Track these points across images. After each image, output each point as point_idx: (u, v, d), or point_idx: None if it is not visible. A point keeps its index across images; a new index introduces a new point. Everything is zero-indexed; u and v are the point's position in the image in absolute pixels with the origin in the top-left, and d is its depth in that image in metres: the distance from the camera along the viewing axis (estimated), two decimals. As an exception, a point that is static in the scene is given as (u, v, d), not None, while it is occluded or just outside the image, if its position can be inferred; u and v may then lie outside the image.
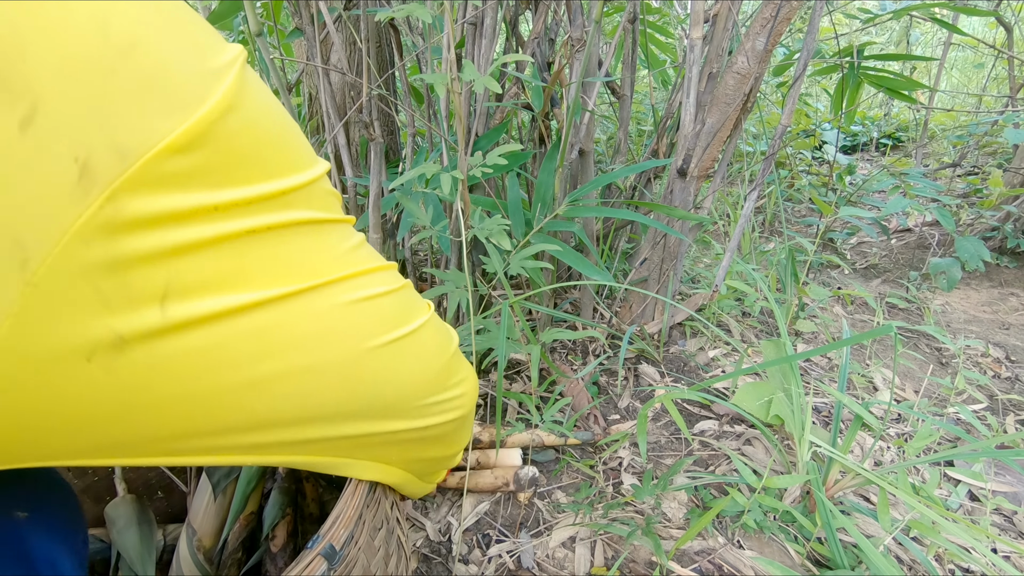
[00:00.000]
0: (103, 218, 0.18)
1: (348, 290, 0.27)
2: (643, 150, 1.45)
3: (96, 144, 0.17)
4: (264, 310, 0.23)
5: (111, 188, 0.17)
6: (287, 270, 0.24)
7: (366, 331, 0.28)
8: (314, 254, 0.25)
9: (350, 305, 0.27)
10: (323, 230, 0.26)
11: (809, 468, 0.65)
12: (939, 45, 2.69)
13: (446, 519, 0.71)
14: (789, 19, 0.76)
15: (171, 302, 0.20)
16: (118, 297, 0.19)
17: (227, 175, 0.21)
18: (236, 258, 0.22)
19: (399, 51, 0.90)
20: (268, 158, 0.22)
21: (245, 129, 0.21)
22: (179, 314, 0.20)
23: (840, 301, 1.30)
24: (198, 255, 0.20)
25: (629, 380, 0.97)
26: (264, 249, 0.23)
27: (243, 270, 0.22)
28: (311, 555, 0.29)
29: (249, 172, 0.22)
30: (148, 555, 0.49)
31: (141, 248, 0.19)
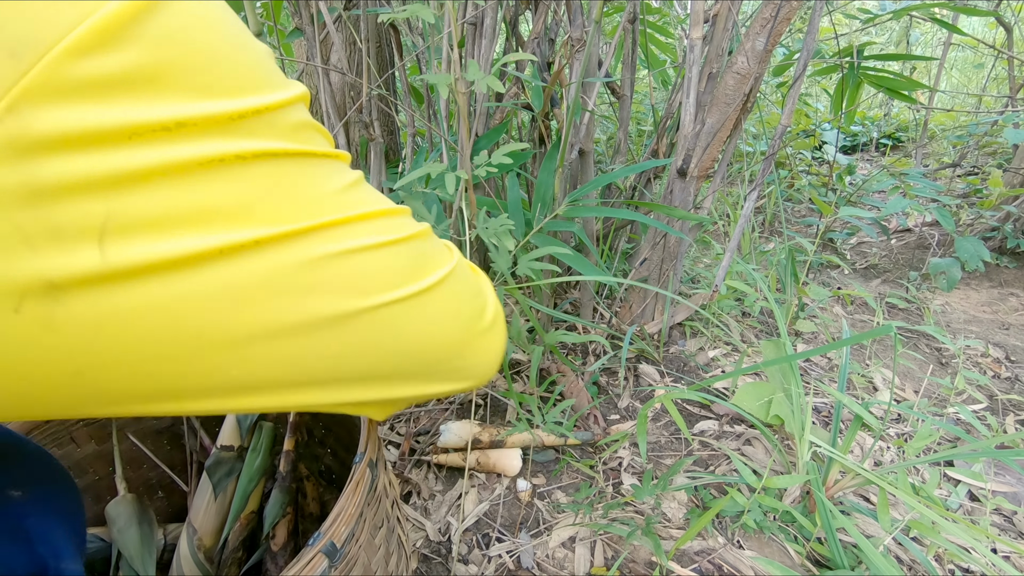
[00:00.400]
0: (6, 133, 0.15)
1: (338, 238, 0.22)
2: (643, 150, 1.45)
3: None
4: (230, 259, 0.19)
5: (9, 96, 0.14)
6: (259, 210, 0.20)
7: (362, 287, 0.23)
8: (293, 193, 0.21)
9: (340, 257, 0.22)
10: (304, 164, 0.21)
11: (809, 468, 0.65)
12: (939, 45, 2.69)
13: (446, 519, 0.71)
14: (789, 19, 0.76)
15: (111, 242, 0.17)
16: (42, 234, 0.16)
17: (164, 87, 0.17)
18: (190, 193, 0.18)
19: (399, 51, 0.90)
20: (221, 71, 0.19)
21: (185, 32, 0.17)
22: (122, 258, 0.17)
23: (840, 301, 1.30)
24: (140, 187, 0.17)
25: (629, 380, 0.97)
26: (226, 184, 0.19)
27: (201, 209, 0.18)
28: (312, 552, 0.29)
29: (195, 85, 0.18)
30: (148, 554, 0.49)
31: (65, 174, 0.16)
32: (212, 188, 0.18)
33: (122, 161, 0.16)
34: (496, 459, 0.76)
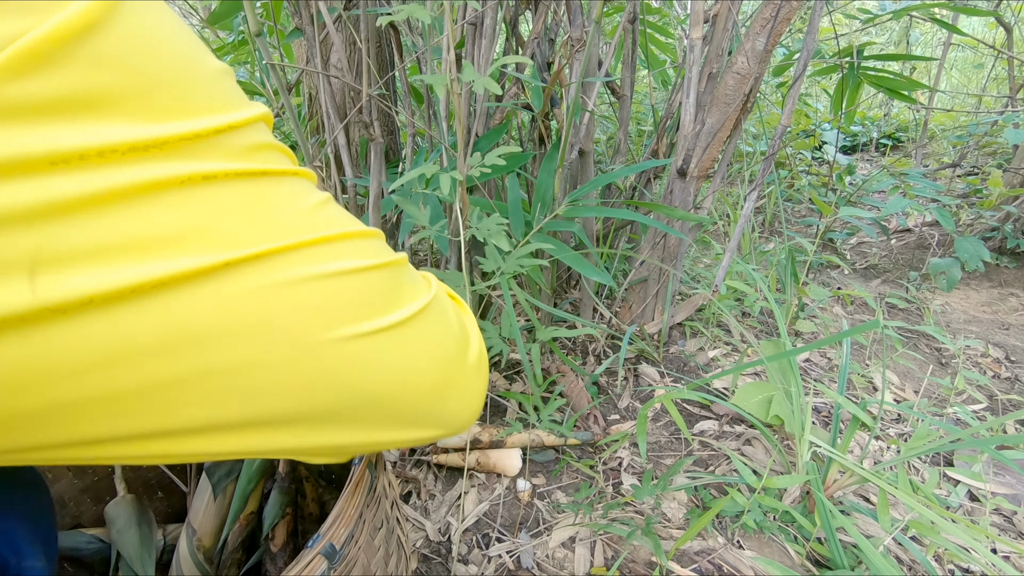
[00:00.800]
0: None
1: (299, 261, 0.20)
2: (643, 150, 1.45)
3: None
4: (175, 290, 0.17)
5: None
6: (208, 236, 0.18)
7: (327, 317, 0.21)
8: (249, 215, 0.19)
9: (301, 282, 0.20)
10: (262, 184, 0.20)
11: (809, 468, 0.65)
12: (939, 45, 2.69)
13: (446, 519, 0.71)
14: (789, 19, 0.76)
15: (42, 275, 0.15)
16: None
17: (103, 111, 0.16)
18: (129, 220, 0.16)
19: (399, 51, 0.90)
20: (167, 94, 0.17)
21: (129, 54, 0.16)
22: (55, 292, 0.15)
23: (840, 301, 1.30)
24: (74, 216, 0.16)
25: (629, 380, 0.97)
26: (171, 208, 0.17)
27: (142, 237, 0.17)
28: (311, 554, 0.29)
29: (137, 109, 0.16)
30: (148, 555, 0.49)
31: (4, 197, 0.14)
32: (156, 214, 0.17)
33: (52, 189, 0.15)
34: (496, 459, 0.76)
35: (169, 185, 0.17)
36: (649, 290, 1.01)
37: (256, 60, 1.08)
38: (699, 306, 1.11)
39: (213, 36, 1.44)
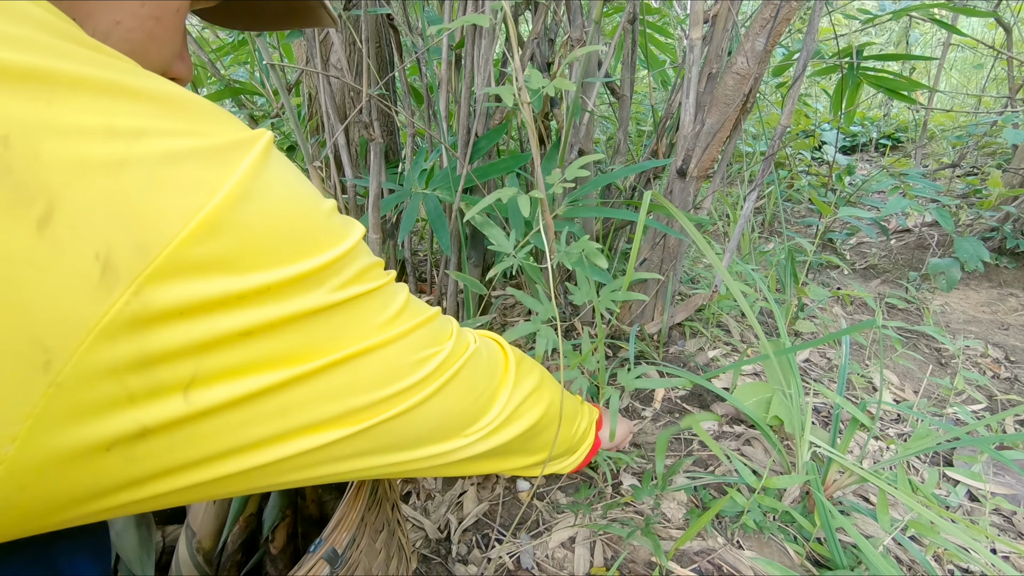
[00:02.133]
0: (129, 314, 0.17)
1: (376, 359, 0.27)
2: (643, 150, 1.45)
3: (115, 240, 0.17)
4: (290, 387, 0.23)
5: (136, 283, 0.17)
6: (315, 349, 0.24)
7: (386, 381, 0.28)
8: (345, 330, 0.25)
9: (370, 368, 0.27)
10: (358, 304, 0.26)
11: (808, 468, 0.65)
12: (938, 46, 2.69)
13: (446, 519, 0.71)
14: (788, 20, 0.76)
15: (195, 390, 0.20)
16: (144, 391, 0.19)
17: (250, 261, 0.20)
18: (266, 346, 0.22)
19: (399, 51, 0.90)
20: (292, 241, 0.22)
21: (265, 214, 0.21)
22: (202, 401, 0.20)
23: (839, 301, 1.30)
24: (226, 347, 0.20)
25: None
26: (295, 334, 0.23)
27: (273, 356, 0.22)
28: (314, 559, 0.29)
29: (274, 255, 0.21)
30: (147, 556, 0.49)
31: (170, 342, 0.19)
32: (282, 339, 0.22)
33: (214, 327, 0.20)
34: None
35: (292, 320, 0.22)
36: (649, 290, 1.01)
37: (256, 60, 1.08)
38: (699, 306, 1.11)
39: (213, 36, 1.44)
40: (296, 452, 0.25)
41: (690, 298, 1.11)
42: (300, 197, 0.23)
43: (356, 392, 0.26)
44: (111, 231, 0.17)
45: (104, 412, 0.18)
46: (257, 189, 0.21)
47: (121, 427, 0.18)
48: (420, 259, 1.40)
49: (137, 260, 0.17)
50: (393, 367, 0.28)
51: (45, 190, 0.16)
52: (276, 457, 0.24)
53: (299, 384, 0.23)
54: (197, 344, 0.19)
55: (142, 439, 0.19)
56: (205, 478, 0.22)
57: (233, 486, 0.24)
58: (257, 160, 0.21)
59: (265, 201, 0.21)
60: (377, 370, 0.27)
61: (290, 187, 0.23)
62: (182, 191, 0.18)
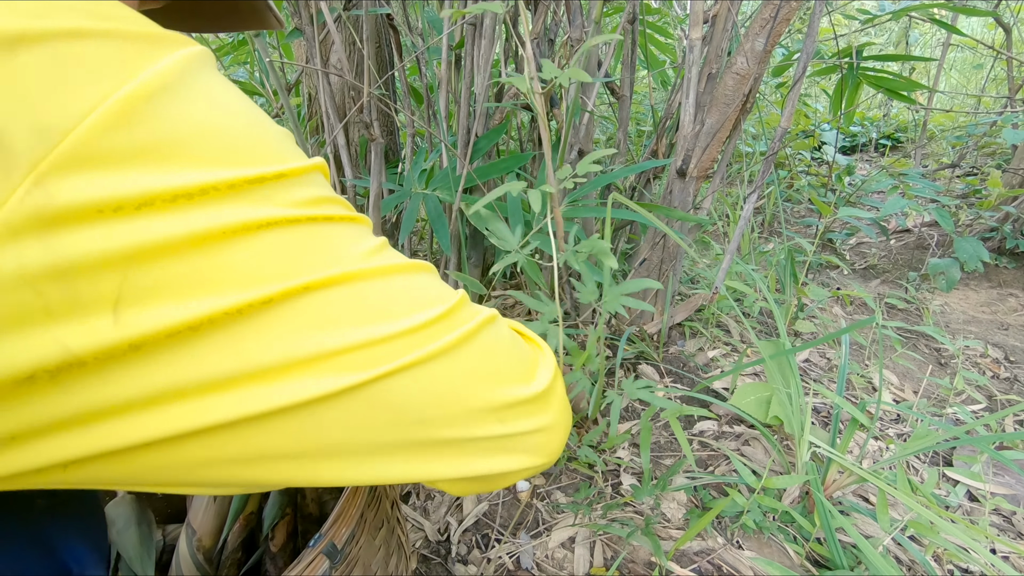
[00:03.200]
0: (32, 206, 0.15)
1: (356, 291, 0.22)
2: (642, 151, 1.45)
3: (10, 121, 0.15)
4: (246, 318, 0.19)
5: (36, 171, 0.15)
6: (277, 270, 0.20)
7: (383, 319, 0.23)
8: (307, 252, 0.21)
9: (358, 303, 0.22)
10: (323, 228, 0.22)
11: (808, 468, 0.65)
12: (938, 46, 2.70)
13: (445, 519, 0.71)
14: (788, 20, 0.76)
15: (125, 310, 0.17)
16: (63, 304, 0.16)
17: (178, 158, 0.18)
18: (205, 261, 0.18)
19: (399, 51, 0.90)
20: (236, 144, 0.19)
21: (193, 113, 0.19)
22: (136, 325, 0.17)
23: (839, 302, 1.31)
24: (158, 258, 0.17)
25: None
26: (241, 251, 0.19)
27: (216, 275, 0.19)
28: (313, 553, 0.29)
29: (206, 154, 0.18)
30: (147, 555, 0.49)
31: (85, 246, 0.16)
32: (226, 256, 0.19)
33: (139, 231, 0.17)
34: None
35: (239, 231, 0.19)
36: (648, 290, 1.01)
37: (256, 60, 1.08)
38: (698, 306, 1.11)
39: (213, 36, 1.44)
40: (261, 411, 0.20)
41: (690, 298, 1.11)
42: (244, 104, 0.21)
43: (330, 331, 0.21)
44: (5, 111, 0.15)
45: (19, 324, 0.16)
46: (186, 87, 0.19)
47: (42, 348, 0.16)
48: (420, 259, 1.40)
49: (36, 144, 0.16)
50: (381, 306, 0.23)
51: None
52: (235, 415, 0.19)
53: (259, 313, 0.19)
54: (120, 252, 0.17)
55: (73, 368, 0.17)
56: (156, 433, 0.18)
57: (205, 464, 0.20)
58: (188, 59, 0.19)
59: (196, 100, 0.19)
60: (360, 306, 0.22)
61: (230, 93, 0.20)
62: (90, 73, 0.17)
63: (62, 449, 0.18)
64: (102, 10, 0.18)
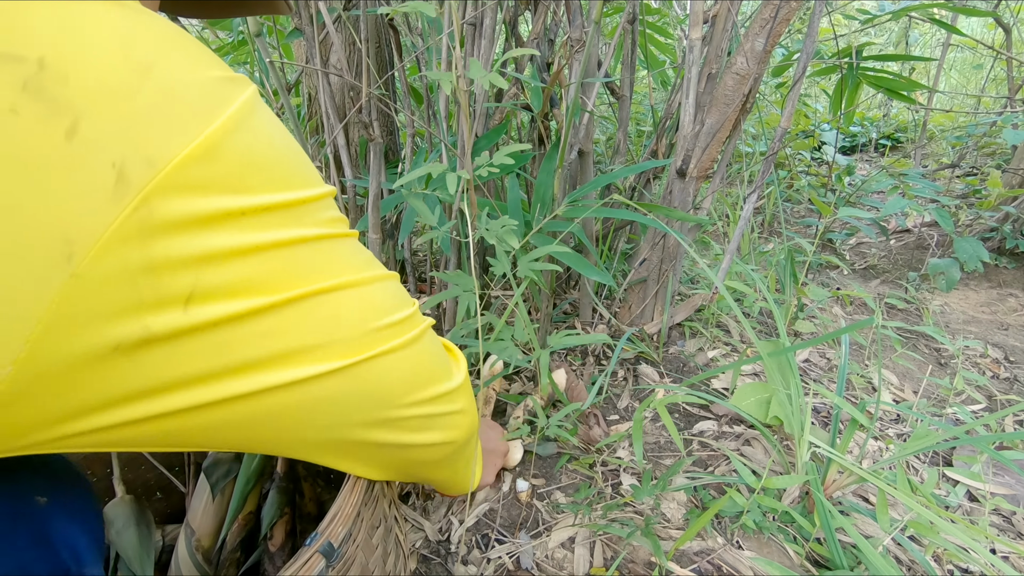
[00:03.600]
0: (138, 219, 0.20)
1: (354, 296, 0.29)
2: (642, 151, 1.45)
3: (129, 153, 0.20)
4: (277, 311, 0.25)
5: (143, 192, 0.20)
6: (300, 277, 0.26)
7: (367, 317, 0.30)
8: (326, 265, 0.28)
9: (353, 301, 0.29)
10: (334, 244, 0.29)
11: (808, 468, 0.65)
12: (938, 46, 2.70)
13: (445, 519, 0.71)
14: (788, 20, 0.76)
15: (194, 305, 0.22)
16: (151, 297, 0.21)
17: (244, 183, 0.23)
18: (257, 267, 0.24)
19: (398, 51, 0.90)
20: (279, 172, 0.25)
21: (255, 145, 0.24)
22: (199, 315, 0.23)
23: (839, 302, 1.30)
24: (222, 263, 0.23)
25: (628, 380, 0.97)
26: (281, 261, 0.25)
27: (262, 278, 0.25)
28: (309, 552, 0.29)
29: (262, 182, 0.24)
30: (147, 555, 0.49)
31: (173, 251, 0.21)
32: (273, 262, 0.25)
33: (213, 242, 0.22)
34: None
35: (283, 244, 0.25)
36: (648, 290, 1.01)
37: (256, 60, 1.08)
38: (698, 307, 1.11)
39: (213, 36, 1.44)
40: (282, 382, 0.26)
41: (690, 298, 1.11)
42: (285, 139, 0.26)
43: (339, 323, 0.28)
44: (125, 146, 0.20)
45: (116, 310, 0.21)
46: (251, 122, 0.23)
47: (129, 328, 0.21)
48: (420, 259, 1.40)
49: (145, 172, 0.20)
50: (371, 305, 0.30)
51: (71, 107, 0.19)
52: (262, 385, 0.26)
53: (286, 308, 0.26)
54: (196, 256, 0.22)
55: (146, 346, 0.22)
56: (196, 400, 0.24)
57: (225, 423, 0.26)
58: (250, 98, 0.24)
59: (257, 134, 0.24)
60: (357, 305, 0.29)
61: (276, 128, 0.26)
62: (185, 116, 0.21)
63: (137, 409, 0.23)
64: (201, 56, 0.23)
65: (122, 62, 0.20)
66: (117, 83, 0.20)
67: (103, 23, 0.20)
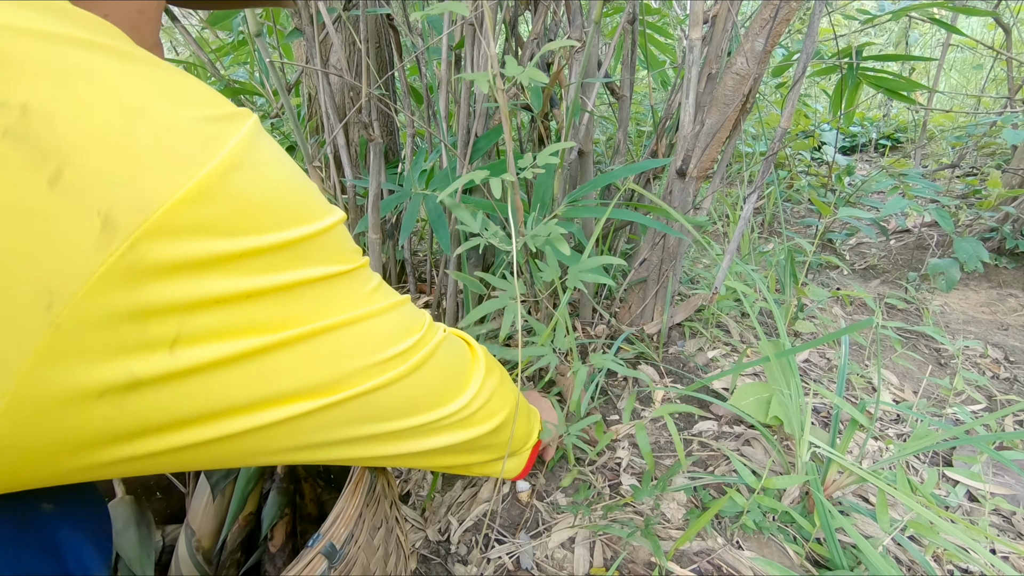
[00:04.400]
0: (124, 266, 0.19)
1: (356, 332, 0.29)
2: (642, 151, 1.45)
3: (117, 199, 0.19)
4: (271, 353, 0.25)
5: (132, 237, 0.19)
6: (295, 319, 0.25)
7: (368, 351, 0.30)
8: (325, 305, 0.27)
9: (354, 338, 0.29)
10: (337, 282, 0.28)
11: (808, 469, 0.65)
12: (938, 46, 2.70)
13: (445, 519, 0.71)
14: (788, 20, 0.76)
15: (180, 348, 0.22)
16: (135, 342, 0.20)
17: (238, 226, 0.22)
18: (251, 313, 0.23)
19: (398, 52, 0.90)
20: (281, 209, 0.24)
21: (253, 184, 0.23)
22: (187, 358, 0.22)
23: (839, 302, 1.30)
24: (211, 309, 0.22)
25: (628, 381, 0.97)
26: (279, 305, 0.24)
27: (257, 323, 0.24)
28: (312, 553, 0.29)
29: (260, 223, 0.23)
30: (147, 556, 0.49)
31: (160, 297, 0.20)
32: (268, 308, 0.24)
33: (201, 287, 0.21)
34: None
35: (281, 289, 0.24)
36: (648, 291, 1.01)
37: (256, 60, 1.08)
38: (698, 307, 1.11)
39: (213, 36, 1.44)
40: (277, 420, 0.26)
41: (690, 298, 1.11)
42: (287, 172, 0.25)
43: (335, 362, 0.28)
44: (113, 191, 0.19)
45: (99, 357, 0.20)
46: (248, 161, 0.23)
47: (114, 374, 0.20)
48: (420, 259, 1.40)
49: (134, 217, 0.19)
50: (371, 340, 0.29)
51: (56, 153, 0.18)
52: (257, 424, 0.25)
53: (280, 350, 0.25)
54: (185, 302, 0.21)
55: (132, 390, 0.21)
56: (191, 440, 0.24)
57: (221, 453, 0.25)
58: (248, 135, 0.23)
59: (255, 172, 0.23)
60: (356, 342, 0.29)
61: (277, 162, 0.25)
62: (178, 159, 0.20)
63: (128, 448, 0.22)
64: (198, 95, 0.22)
65: (113, 106, 0.20)
66: (106, 127, 0.19)
67: (94, 68, 0.20)
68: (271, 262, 0.24)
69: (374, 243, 0.86)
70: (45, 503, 0.28)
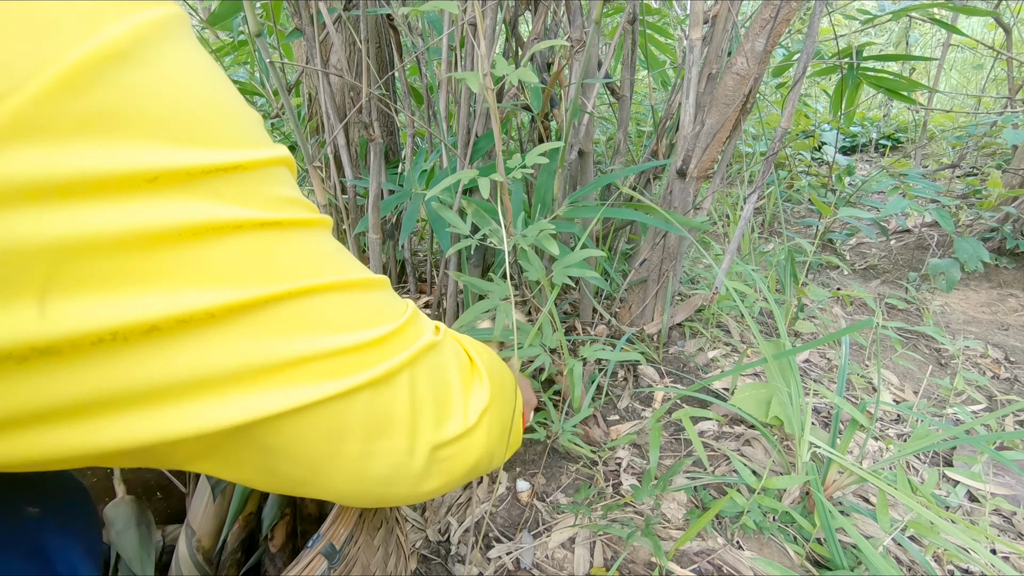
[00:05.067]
0: None
1: (305, 307, 0.21)
2: (642, 151, 1.45)
3: None
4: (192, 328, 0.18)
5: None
6: (230, 278, 0.18)
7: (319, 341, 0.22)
8: (269, 262, 0.20)
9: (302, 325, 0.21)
10: (285, 235, 0.21)
11: (808, 469, 0.65)
12: (938, 46, 2.70)
13: (445, 519, 0.71)
14: (788, 20, 0.76)
15: (52, 298, 0.15)
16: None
17: (131, 131, 0.16)
18: (150, 260, 0.17)
19: (398, 51, 0.90)
20: (196, 122, 0.18)
21: (151, 82, 0.17)
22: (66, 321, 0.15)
23: (839, 302, 1.30)
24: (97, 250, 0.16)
25: (628, 381, 0.97)
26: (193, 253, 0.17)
27: (165, 275, 0.17)
28: (312, 554, 0.29)
29: (165, 132, 0.17)
30: (147, 556, 0.49)
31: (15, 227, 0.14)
32: (178, 257, 0.17)
33: (79, 221, 0.15)
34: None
35: (197, 234, 0.17)
36: (649, 291, 1.01)
37: (256, 60, 1.08)
38: (698, 307, 1.11)
39: (213, 37, 1.44)
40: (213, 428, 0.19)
41: (690, 298, 1.11)
42: (210, 83, 0.19)
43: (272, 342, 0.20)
44: None
45: None
46: (150, 53, 0.17)
47: None
48: (420, 259, 1.40)
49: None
50: (328, 320, 0.22)
51: None
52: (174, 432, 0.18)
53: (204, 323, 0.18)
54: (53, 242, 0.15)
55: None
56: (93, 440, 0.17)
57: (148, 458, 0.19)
58: (158, 22, 0.17)
59: (159, 70, 0.17)
60: (300, 320, 0.21)
61: (198, 68, 0.19)
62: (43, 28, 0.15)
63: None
64: None
65: None
66: None
67: None
68: (179, 192, 0.17)
69: (374, 243, 0.86)
70: (30, 507, 0.26)
